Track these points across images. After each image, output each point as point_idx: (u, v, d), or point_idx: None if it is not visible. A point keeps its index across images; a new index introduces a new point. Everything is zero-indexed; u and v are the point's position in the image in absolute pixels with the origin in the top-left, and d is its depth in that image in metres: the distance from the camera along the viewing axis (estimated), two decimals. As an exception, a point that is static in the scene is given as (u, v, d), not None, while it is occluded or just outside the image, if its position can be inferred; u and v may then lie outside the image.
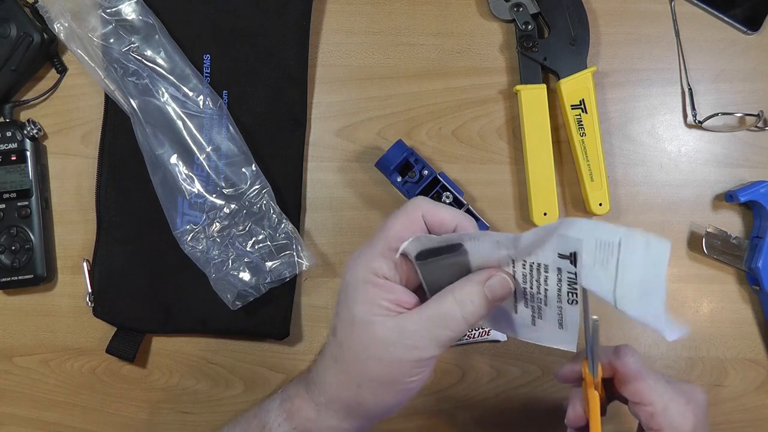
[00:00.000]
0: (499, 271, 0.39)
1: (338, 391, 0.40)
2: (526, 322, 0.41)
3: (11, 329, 0.60)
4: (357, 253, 0.40)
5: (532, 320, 0.41)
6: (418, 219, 0.40)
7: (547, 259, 0.37)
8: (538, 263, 0.38)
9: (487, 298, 0.38)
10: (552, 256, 0.37)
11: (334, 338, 0.40)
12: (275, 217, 0.57)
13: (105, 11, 0.57)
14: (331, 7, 0.62)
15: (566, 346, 0.40)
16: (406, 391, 0.39)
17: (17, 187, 0.59)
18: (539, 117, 0.59)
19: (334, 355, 0.40)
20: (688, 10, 0.62)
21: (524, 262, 0.38)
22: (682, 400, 0.41)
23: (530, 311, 0.40)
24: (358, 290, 0.38)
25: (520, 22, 0.60)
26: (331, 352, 0.41)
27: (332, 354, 0.40)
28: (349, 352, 0.39)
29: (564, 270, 0.37)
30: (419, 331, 0.38)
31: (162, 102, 0.57)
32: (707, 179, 0.60)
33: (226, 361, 0.60)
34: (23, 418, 0.59)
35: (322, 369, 0.41)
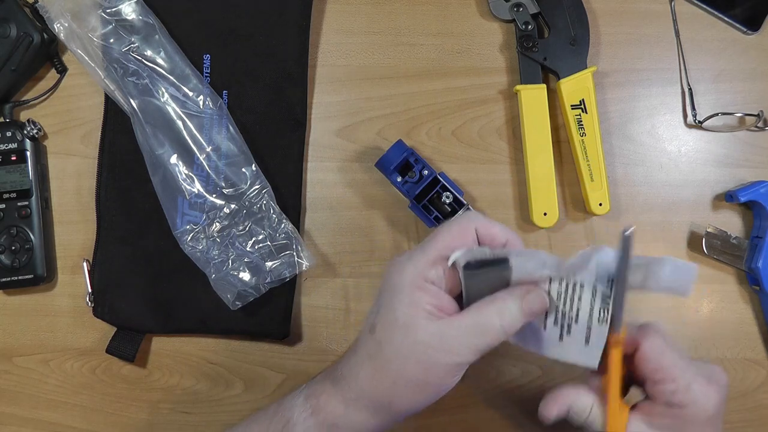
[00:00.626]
0: (537, 288, 0.41)
1: (371, 388, 0.41)
2: (553, 338, 0.42)
3: (11, 329, 0.60)
4: (406, 255, 0.41)
5: (560, 337, 0.42)
6: (470, 232, 0.42)
7: (584, 279, 0.40)
8: (575, 282, 0.41)
9: (524, 311, 0.40)
10: (590, 277, 0.40)
11: (372, 336, 0.41)
12: (275, 217, 0.57)
13: (105, 11, 0.57)
14: (331, 7, 0.62)
15: (589, 362, 0.42)
16: (438, 393, 0.41)
17: (17, 187, 0.59)
18: (539, 117, 0.59)
19: (370, 353, 0.41)
20: (688, 10, 0.62)
21: (561, 279, 0.41)
22: (705, 380, 0.41)
23: (558, 329, 0.42)
24: (404, 292, 0.40)
25: (520, 22, 0.60)
26: (366, 350, 0.42)
27: (368, 352, 0.41)
28: (388, 351, 0.40)
29: (599, 290, 0.40)
30: (459, 338, 0.39)
31: (162, 102, 0.57)
32: (707, 179, 0.60)
33: (226, 361, 0.60)
34: (23, 418, 0.59)
35: (354, 365, 0.42)
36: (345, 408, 0.42)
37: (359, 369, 0.42)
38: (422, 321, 0.39)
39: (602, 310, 0.40)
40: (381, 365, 0.41)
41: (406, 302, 0.40)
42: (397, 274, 0.41)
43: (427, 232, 0.60)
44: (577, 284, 0.41)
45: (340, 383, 0.43)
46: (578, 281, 0.41)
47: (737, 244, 0.58)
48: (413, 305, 0.40)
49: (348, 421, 0.42)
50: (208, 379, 0.60)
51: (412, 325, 0.39)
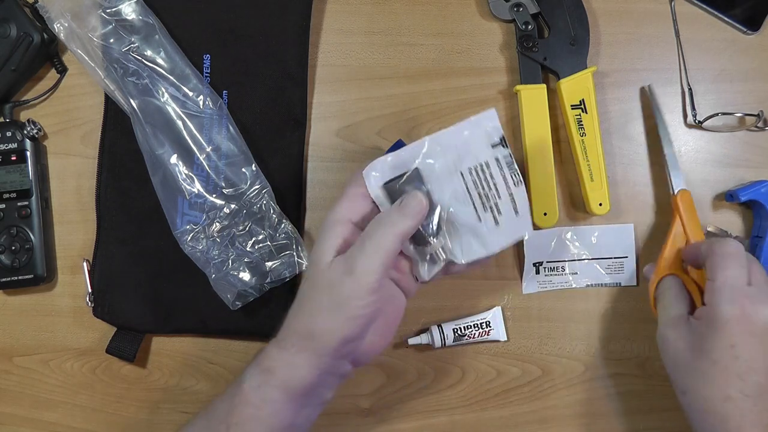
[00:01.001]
0: (410, 192, 0.45)
1: (294, 322, 0.45)
2: (491, 226, 0.47)
3: (11, 329, 0.60)
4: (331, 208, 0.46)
5: (495, 221, 0.47)
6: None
7: (485, 156, 0.46)
8: (479, 163, 0.47)
9: (405, 213, 0.44)
10: (486, 151, 0.46)
11: (302, 280, 0.47)
12: (275, 217, 0.57)
13: (105, 11, 0.57)
14: (331, 7, 0.62)
15: (526, 230, 0.48)
16: (353, 318, 0.43)
17: (17, 187, 0.59)
18: (539, 117, 0.59)
19: (298, 294, 0.46)
20: (688, 10, 0.62)
21: (470, 169, 0.47)
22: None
23: (490, 213, 0.47)
24: (324, 235, 0.45)
25: (520, 22, 0.60)
26: (297, 294, 0.46)
27: (297, 294, 0.46)
28: (306, 285, 0.45)
29: (501, 157, 0.47)
30: (358, 256, 0.42)
31: (162, 102, 0.57)
32: (707, 179, 0.60)
33: (226, 361, 0.60)
34: (23, 418, 0.59)
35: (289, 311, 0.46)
36: (278, 351, 0.45)
37: (290, 311, 0.46)
38: (333, 253, 0.44)
39: (512, 174, 0.47)
40: (301, 299, 0.45)
41: (325, 241, 0.44)
42: (323, 222, 0.45)
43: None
44: (482, 164, 0.46)
45: (278, 332, 0.46)
46: (481, 162, 0.46)
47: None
48: (328, 242, 0.44)
49: (280, 362, 0.44)
50: (208, 379, 0.60)
51: (324, 259, 0.44)
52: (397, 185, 0.46)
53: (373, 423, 0.59)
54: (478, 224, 0.47)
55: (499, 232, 0.47)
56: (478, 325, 0.58)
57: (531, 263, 0.59)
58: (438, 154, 0.46)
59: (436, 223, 0.47)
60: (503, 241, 0.48)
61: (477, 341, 0.59)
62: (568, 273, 0.60)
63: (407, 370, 0.59)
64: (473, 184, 0.47)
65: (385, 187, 0.46)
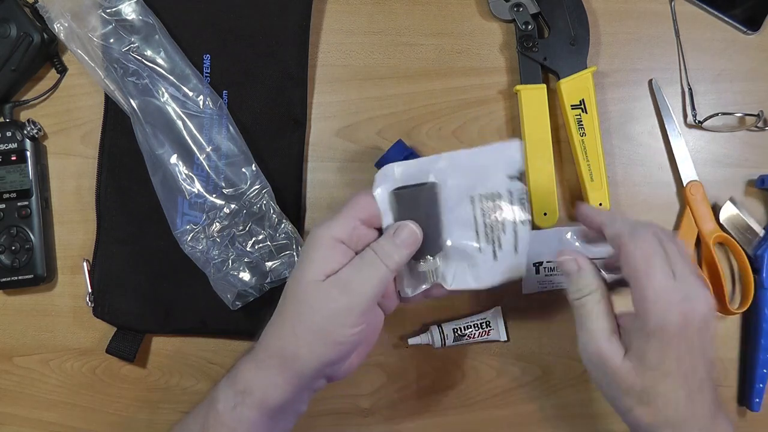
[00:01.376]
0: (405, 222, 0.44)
1: (275, 342, 0.43)
2: (489, 258, 0.46)
3: (11, 329, 0.60)
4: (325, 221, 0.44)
5: (494, 255, 0.46)
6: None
7: (499, 186, 0.45)
8: (491, 192, 0.45)
9: (398, 244, 0.43)
10: (502, 181, 0.45)
11: (282, 295, 0.44)
12: (275, 217, 0.57)
13: (105, 11, 0.57)
14: (331, 7, 0.62)
15: (521, 271, 0.46)
16: (340, 345, 0.42)
17: (17, 187, 0.59)
18: (539, 117, 0.59)
19: (278, 311, 0.44)
20: (688, 10, 0.62)
21: (481, 195, 0.45)
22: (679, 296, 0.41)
23: (491, 246, 0.46)
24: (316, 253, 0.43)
25: (520, 22, 0.60)
26: (276, 310, 0.44)
27: (277, 311, 0.44)
28: (291, 304, 0.43)
29: (515, 191, 0.45)
30: (350, 282, 0.42)
31: (162, 102, 0.57)
32: (707, 179, 0.60)
33: (226, 361, 0.60)
34: (23, 418, 0.59)
35: (265, 329, 0.44)
36: (256, 370, 0.43)
37: (267, 329, 0.44)
38: (325, 275, 0.42)
39: (522, 211, 0.45)
40: (284, 318, 0.43)
41: (316, 261, 0.42)
42: (313, 238, 0.43)
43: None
44: (494, 194, 0.45)
45: (253, 349, 0.44)
46: (494, 191, 0.45)
47: (751, 226, 0.58)
48: (321, 263, 0.42)
49: (258, 382, 0.43)
50: (208, 379, 0.60)
51: (315, 280, 0.42)
52: (409, 194, 0.45)
53: (373, 423, 0.59)
54: (477, 254, 0.46)
55: (495, 267, 0.46)
56: (478, 325, 0.58)
57: (531, 263, 0.59)
58: (454, 172, 0.45)
59: (439, 244, 0.45)
60: (497, 278, 0.46)
61: (477, 341, 0.59)
62: (568, 273, 0.60)
63: (407, 370, 0.59)
64: (481, 213, 0.45)
65: (394, 192, 0.45)
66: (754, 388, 0.58)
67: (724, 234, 0.59)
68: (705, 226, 0.58)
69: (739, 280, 0.60)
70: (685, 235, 0.59)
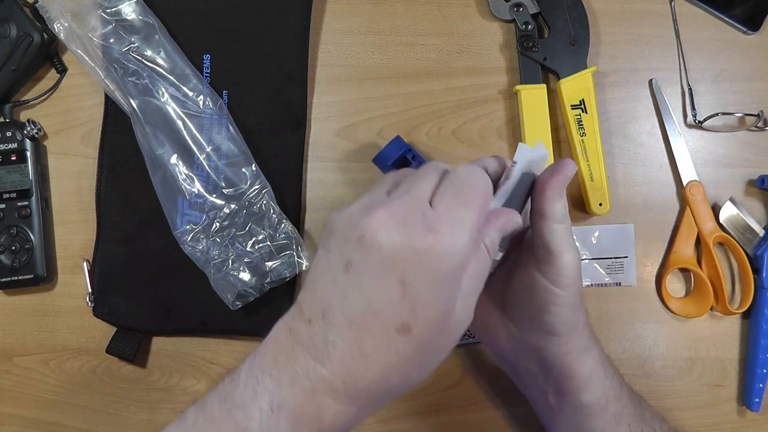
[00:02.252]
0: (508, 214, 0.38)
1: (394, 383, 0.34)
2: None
3: (11, 329, 0.60)
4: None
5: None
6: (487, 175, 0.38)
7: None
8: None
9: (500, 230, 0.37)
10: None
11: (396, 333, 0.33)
12: (275, 217, 0.57)
13: (105, 11, 0.57)
14: (331, 7, 0.62)
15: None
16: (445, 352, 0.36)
17: (17, 187, 0.59)
18: (539, 117, 0.59)
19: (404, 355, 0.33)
20: (688, 10, 0.62)
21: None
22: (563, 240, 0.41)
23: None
24: (455, 278, 0.33)
25: (520, 22, 0.60)
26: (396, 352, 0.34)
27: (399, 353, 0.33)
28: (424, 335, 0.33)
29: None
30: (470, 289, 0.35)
31: (162, 102, 0.57)
32: (707, 179, 0.60)
33: (226, 361, 0.60)
34: (23, 418, 0.59)
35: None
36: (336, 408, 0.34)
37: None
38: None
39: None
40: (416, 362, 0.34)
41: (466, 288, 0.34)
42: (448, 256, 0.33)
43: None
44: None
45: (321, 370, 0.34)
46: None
47: (751, 226, 0.58)
48: (473, 289, 0.35)
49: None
50: (208, 379, 0.60)
51: (466, 319, 0.35)
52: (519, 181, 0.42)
53: (373, 423, 0.59)
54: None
55: None
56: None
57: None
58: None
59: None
60: None
61: (477, 341, 0.59)
62: (568, 273, 0.60)
63: (407, 370, 0.59)
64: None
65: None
66: (754, 388, 0.58)
67: (724, 234, 0.59)
68: (705, 226, 0.58)
69: (739, 280, 0.60)
70: (685, 235, 0.59)
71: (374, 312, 0.33)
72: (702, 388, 0.59)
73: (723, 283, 0.58)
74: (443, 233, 0.32)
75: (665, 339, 0.60)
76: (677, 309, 0.59)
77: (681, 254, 0.59)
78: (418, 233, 0.32)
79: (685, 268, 0.60)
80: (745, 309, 0.58)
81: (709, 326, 0.60)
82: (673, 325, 0.60)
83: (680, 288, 0.61)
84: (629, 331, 0.60)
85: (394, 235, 0.32)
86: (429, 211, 0.34)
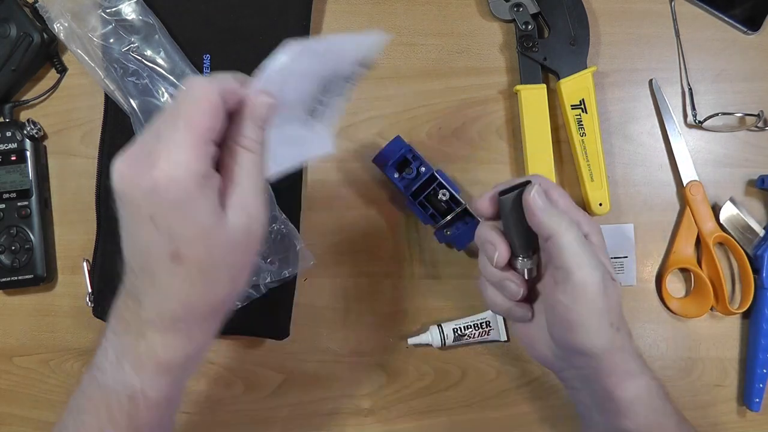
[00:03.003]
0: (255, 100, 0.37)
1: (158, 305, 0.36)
2: (309, 132, 0.44)
3: (11, 329, 0.60)
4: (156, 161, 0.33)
5: (313, 128, 0.44)
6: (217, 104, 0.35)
7: (346, 70, 0.43)
8: (338, 76, 0.43)
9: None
10: (350, 67, 0.42)
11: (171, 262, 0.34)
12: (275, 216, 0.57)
13: (105, 11, 0.57)
14: (331, 7, 0.62)
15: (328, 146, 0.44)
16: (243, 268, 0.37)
17: (17, 187, 0.59)
18: (539, 117, 0.59)
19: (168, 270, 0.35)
20: (688, 10, 0.62)
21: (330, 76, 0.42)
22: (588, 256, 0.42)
23: (312, 120, 0.44)
24: (192, 199, 0.34)
25: (520, 22, 0.60)
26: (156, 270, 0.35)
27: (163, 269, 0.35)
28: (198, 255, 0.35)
29: (354, 76, 0.43)
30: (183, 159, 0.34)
31: (162, 102, 0.57)
32: (707, 179, 0.60)
33: (226, 361, 0.60)
34: (23, 418, 0.59)
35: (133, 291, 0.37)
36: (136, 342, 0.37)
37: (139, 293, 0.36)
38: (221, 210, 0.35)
39: (350, 88, 0.43)
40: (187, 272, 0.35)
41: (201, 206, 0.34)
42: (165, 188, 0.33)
43: (427, 231, 0.60)
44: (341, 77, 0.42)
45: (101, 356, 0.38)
46: (340, 75, 0.42)
47: (751, 226, 0.58)
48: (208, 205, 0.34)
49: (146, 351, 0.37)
50: (208, 379, 0.60)
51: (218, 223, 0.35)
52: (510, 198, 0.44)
53: (373, 423, 0.59)
54: (302, 129, 0.44)
55: (314, 140, 0.45)
56: (478, 325, 0.58)
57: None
58: (318, 55, 0.41)
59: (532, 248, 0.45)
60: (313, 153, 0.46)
61: (477, 341, 0.59)
62: (568, 273, 0.60)
63: (407, 370, 0.59)
64: (321, 91, 0.43)
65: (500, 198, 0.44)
66: (754, 388, 0.58)
67: (724, 234, 0.59)
68: (705, 226, 0.58)
69: (739, 280, 0.60)
70: (685, 235, 0.59)
71: (146, 252, 0.35)
72: (702, 388, 0.59)
73: (723, 283, 0.58)
74: (160, 166, 0.33)
75: (665, 339, 0.60)
76: (677, 309, 0.59)
77: (681, 254, 0.59)
78: (143, 172, 0.33)
79: (685, 268, 0.60)
80: (745, 309, 0.58)
81: (709, 326, 0.60)
82: (673, 325, 0.60)
83: (680, 288, 0.61)
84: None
85: (126, 180, 0.34)
86: (155, 144, 0.34)
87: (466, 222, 0.56)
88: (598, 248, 0.44)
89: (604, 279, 0.41)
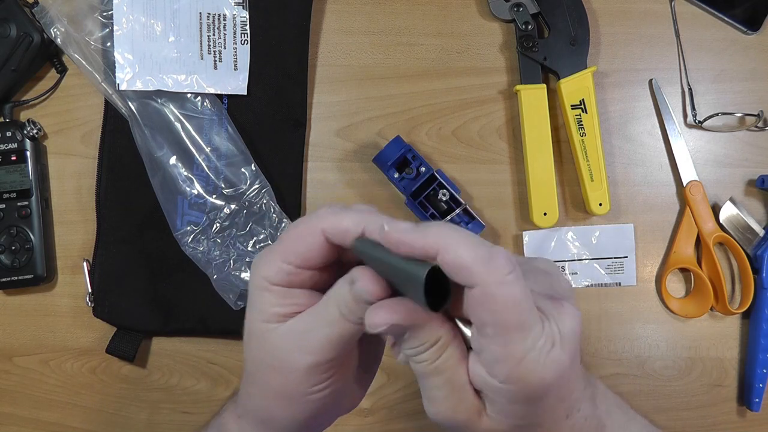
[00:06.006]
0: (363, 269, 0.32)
1: (250, 403, 0.39)
2: (210, 67, 0.56)
3: (11, 329, 0.60)
4: (256, 258, 0.36)
5: (214, 66, 0.56)
6: (317, 234, 0.33)
7: (225, 9, 0.57)
8: (217, 13, 0.56)
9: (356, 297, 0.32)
10: (229, 5, 0.57)
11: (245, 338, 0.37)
12: (275, 216, 0.57)
13: (101, 14, 0.57)
14: (331, 7, 0.62)
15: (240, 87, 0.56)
16: (311, 402, 0.36)
17: (17, 187, 0.59)
18: (539, 117, 0.59)
19: (245, 358, 0.38)
20: (688, 10, 0.62)
21: (208, 13, 0.57)
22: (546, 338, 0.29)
23: (212, 57, 0.56)
24: (253, 298, 0.35)
25: (520, 22, 0.60)
26: (244, 356, 0.38)
27: (244, 358, 0.38)
28: (250, 363, 0.37)
29: (239, 17, 0.55)
30: (309, 332, 0.34)
31: (160, 104, 0.57)
32: (707, 179, 0.60)
33: (226, 361, 0.60)
34: (23, 418, 0.59)
35: (242, 381, 0.40)
36: (238, 427, 0.40)
37: (243, 385, 0.39)
38: (272, 325, 0.35)
39: (243, 34, 0.56)
40: (250, 379, 0.38)
41: (256, 309, 0.35)
42: (249, 281, 0.36)
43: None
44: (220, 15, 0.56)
45: (235, 400, 0.41)
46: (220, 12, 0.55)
47: (751, 226, 0.58)
48: (261, 311, 0.35)
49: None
50: (208, 379, 0.60)
51: (262, 331, 0.35)
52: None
53: (373, 423, 0.59)
54: (200, 62, 0.55)
55: (215, 77, 0.56)
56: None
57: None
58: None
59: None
60: (217, 87, 0.56)
61: (477, 341, 0.59)
62: (568, 273, 0.60)
63: (407, 370, 0.59)
64: (206, 27, 0.55)
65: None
66: (754, 388, 0.58)
67: (724, 234, 0.59)
68: (705, 226, 0.58)
69: (739, 280, 0.60)
70: (685, 235, 0.59)
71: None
72: (702, 388, 0.59)
73: (723, 283, 0.58)
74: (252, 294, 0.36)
75: (665, 339, 0.60)
76: (677, 309, 0.59)
77: (681, 254, 0.59)
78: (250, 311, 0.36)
79: (685, 268, 0.60)
80: (745, 309, 0.58)
81: (709, 326, 0.60)
82: (673, 325, 0.60)
83: (680, 288, 0.61)
84: (629, 331, 0.60)
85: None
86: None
87: (466, 222, 0.56)
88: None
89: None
